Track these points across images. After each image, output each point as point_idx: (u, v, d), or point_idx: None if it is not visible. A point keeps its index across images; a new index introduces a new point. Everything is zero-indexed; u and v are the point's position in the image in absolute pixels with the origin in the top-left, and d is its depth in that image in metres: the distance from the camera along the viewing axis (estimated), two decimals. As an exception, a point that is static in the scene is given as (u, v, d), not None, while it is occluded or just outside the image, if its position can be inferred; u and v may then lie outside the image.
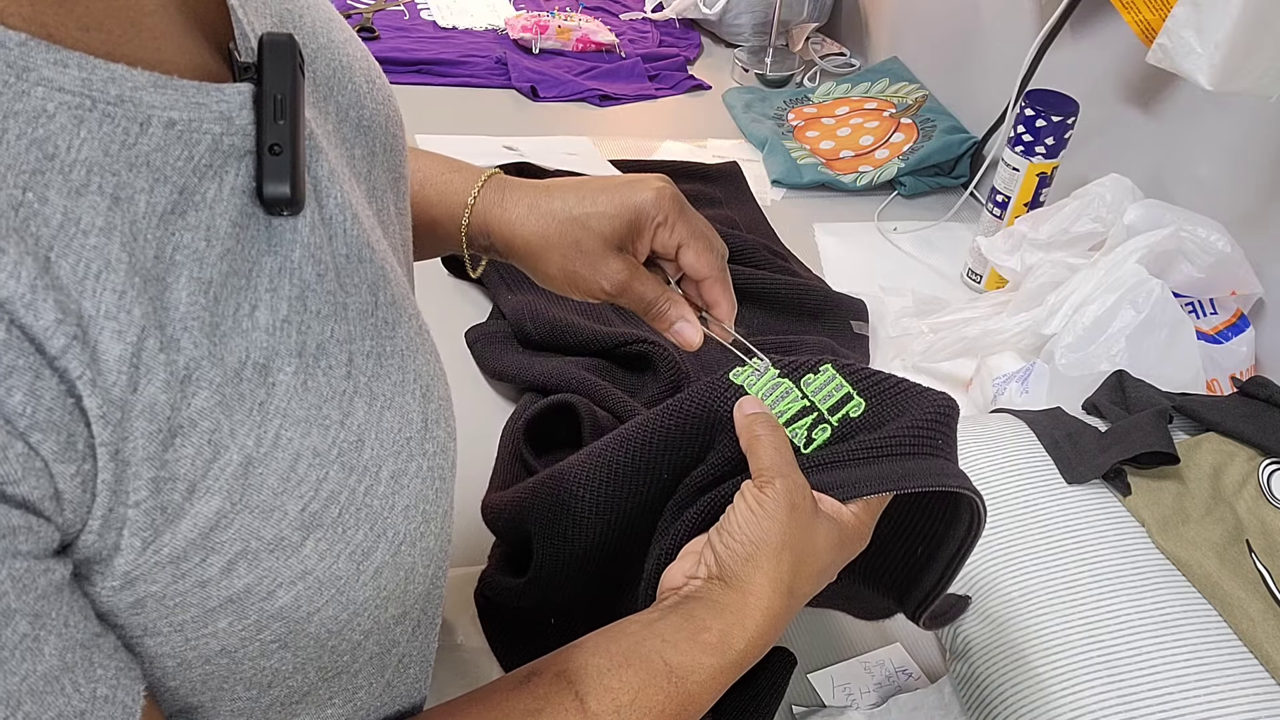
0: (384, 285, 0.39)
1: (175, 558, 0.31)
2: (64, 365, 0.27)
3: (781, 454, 0.51)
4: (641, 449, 0.59)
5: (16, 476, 0.26)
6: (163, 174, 0.30)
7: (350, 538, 0.35)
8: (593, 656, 0.46)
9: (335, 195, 0.37)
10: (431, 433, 0.39)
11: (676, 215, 0.56)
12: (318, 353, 0.34)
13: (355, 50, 0.44)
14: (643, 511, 0.59)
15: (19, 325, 0.26)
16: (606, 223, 0.55)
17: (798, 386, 0.56)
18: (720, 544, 0.49)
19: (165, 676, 0.34)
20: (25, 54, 0.27)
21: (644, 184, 0.56)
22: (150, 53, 0.31)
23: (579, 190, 0.56)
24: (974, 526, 0.54)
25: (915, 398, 0.55)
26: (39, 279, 0.26)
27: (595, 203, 0.55)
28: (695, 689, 0.45)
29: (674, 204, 0.56)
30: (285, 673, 0.37)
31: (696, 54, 1.67)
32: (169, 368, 0.29)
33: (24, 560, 0.27)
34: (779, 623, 0.48)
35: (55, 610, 0.28)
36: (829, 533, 0.50)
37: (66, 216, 0.27)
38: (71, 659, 0.28)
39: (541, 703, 0.44)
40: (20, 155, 0.27)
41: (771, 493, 0.48)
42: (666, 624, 0.47)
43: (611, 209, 0.55)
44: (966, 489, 0.51)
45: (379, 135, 0.44)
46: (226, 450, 0.31)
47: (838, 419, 0.54)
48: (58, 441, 0.27)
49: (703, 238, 0.57)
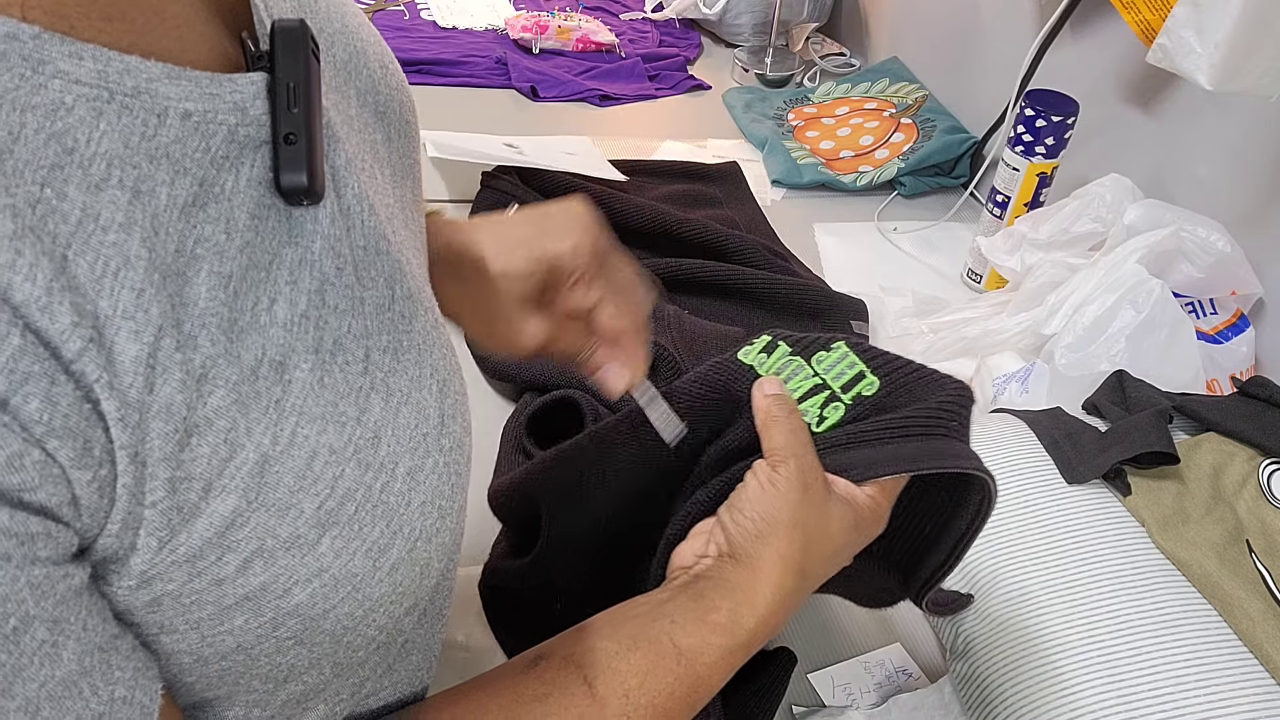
0: (400, 278, 0.38)
1: (191, 556, 0.30)
2: (80, 369, 0.27)
3: (797, 436, 0.50)
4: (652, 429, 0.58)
5: (34, 484, 0.26)
6: (182, 166, 0.30)
7: (366, 535, 0.35)
8: (601, 639, 0.45)
9: (353, 185, 0.36)
10: (448, 428, 0.39)
11: (595, 271, 0.52)
12: (334, 349, 0.34)
13: (369, 35, 0.44)
14: (651, 491, 0.59)
15: (34, 330, 0.26)
16: (519, 284, 0.52)
17: (809, 364, 0.55)
18: (731, 522, 0.48)
19: (182, 673, 0.33)
20: (40, 47, 0.26)
21: (565, 231, 0.52)
22: (173, 42, 0.31)
23: (498, 241, 0.53)
24: (984, 507, 0.54)
25: (930, 383, 0.54)
26: (55, 280, 0.26)
27: (511, 259, 0.52)
28: (705, 670, 0.45)
29: (593, 258, 0.52)
30: (301, 668, 0.37)
31: (696, 54, 1.67)
32: (185, 367, 0.29)
33: (42, 567, 0.26)
34: (790, 602, 0.47)
35: (74, 615, 0.28)
36: (842, 515, 0.49)
37: (85, 212, 0.27)
38: (90, 663, 0.28)
39: (549, 687, 0.43)
40: (39, 150, 0.26)
41: (785, 471, 0.48)
42: (675, 604, 0.46)
43: (526, 267, 0.51)
44: (980, 470, 0.51)
45: (394, 120, 0.44)
46: (243, 449, 0.31)
47: (850, 397, 0.53)
48: (74, 447, 0.27)
49: (622, 293, 0.53)
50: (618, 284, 0.54)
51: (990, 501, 0.53)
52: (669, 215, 1.09)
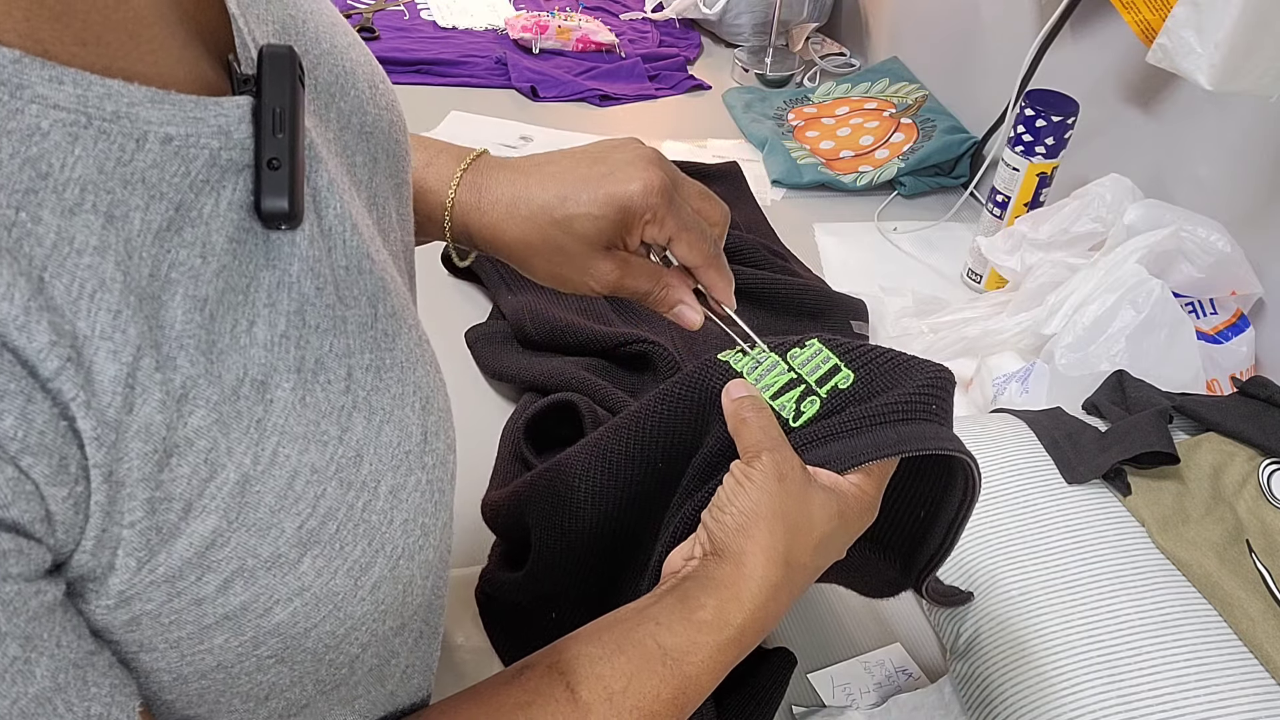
0: (383, 297, 0.38)
1: (171, 577, 0.30)
2: (57, 387, 0.27)
3: (768, 432, 0.50)
4: (636, 435, 0.58)
5: (7, 500, 0.26)
6: (158, 190, 0.30)
7: (348, 554, 0.35)
8: (586, 645, 0.45)
9: (335, 206, 0.36)
10: (431, 445, 0.39)
11: (665, 209, 0.52)
12: (316, 368, 0.34)
13: (358, 55, 0.44)
14: (640, 499, 0.59)
15: (11, 348, 0.26)
16: (590, 224, 0.52)
17: (784, 360, 0.55)
18: (712, 520, 0.49)
19: (161, 690, 0.33)
20: (19, 71, 0.26)
21: (631, 171, 0.52)
22: (149, 66, 0.31)
23: (560, 182, 0.53)
24: (969, 491, 0.54)
25: (908, 368, 0.54)
26: (32, 300, 0.26)
27: (578, 201, 0.52)
28: (693, 670, 0.45)
29: (662, 196, 0.52)
30: (282, 686, 0.37)
31: (696, 54, 1.67)
32: (165, 387, 0.29)
33: (14, 583, 0.26)
34: (779, 595, 0.47)
35: (47, 631, 0.28)
36: (825, 503, 0.49)
37: (60, 236, 0.27)
38: (64, 679, 0.28)
39: (532, 695, 0.43)
40: (14, 174, 0.26)
41: (759, 465, 0.48)
42: (661, 607, 0.46)
43: (595, 208, 0.52)
44: (961, 452, 0.51)
45: (381, 141, 0.44)
46: (223, 469, 0.31)
47: (826, 390, 0.54)
48: (49, 465, 0.27)
49: (693, 228, 0.54)
50: (688, 218, 0.53)
51: (975, 485, 0.53)
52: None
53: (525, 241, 0.54)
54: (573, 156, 0.55)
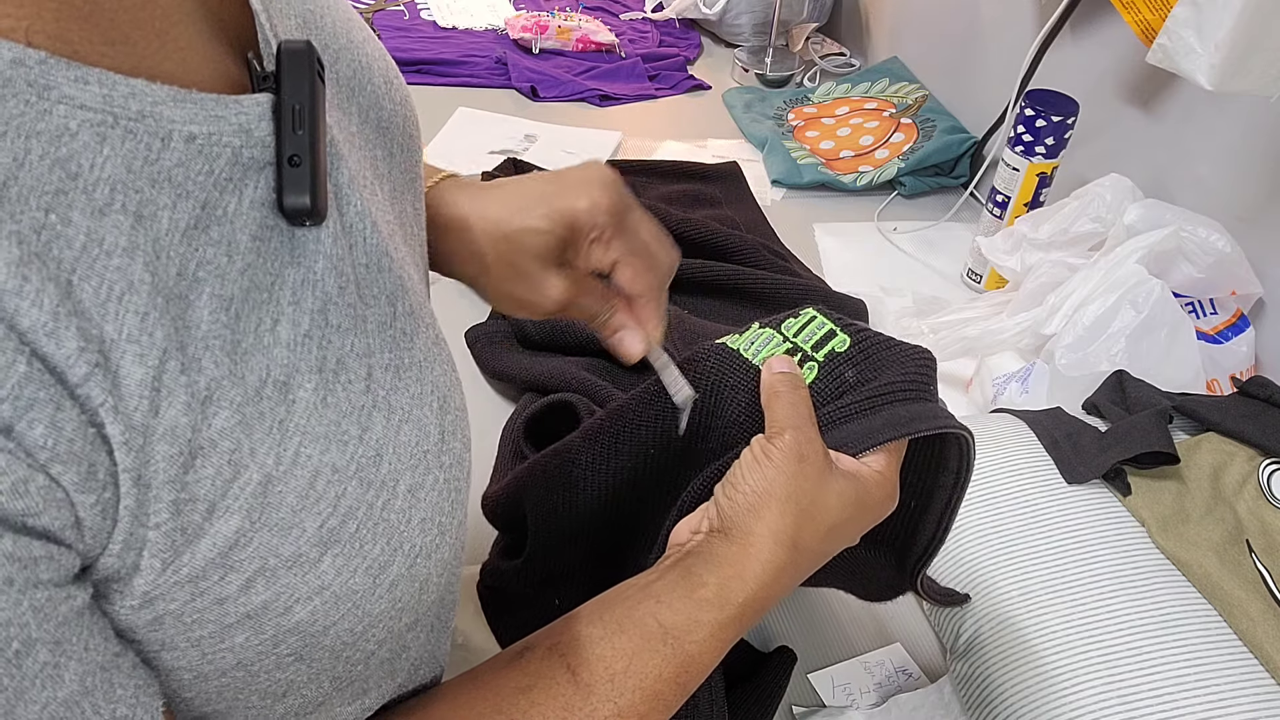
0: (402, 295, 0.38)
1: (194, 577, 0.30)
2: (85, 394, 0.27)
3: (798, 409, 0.49)
4: (633, 418, 0.58)
5: (38, 509, 0.26)
6: (185, 189, 0.30)
7: (367, 552, 0.35)
8: (586, 625, 0.45)
9: (355, 203, 0.36)
10: (448, 444, 0.39)
11: (613, 231, 0.51)
12: (337, 367, 0.34)
13: (374, 50, 0.44)
14: (638, 481, 0.59)
15: (40, 355, 0.25)
16: (538, 238, 0.51)
17: (779, 331, 0.55)
18: (724, 496, 0.48)
19: (181, 688, 0.33)
20: (45, 72, 0.26)
21: (581, 189, 0.51)
22: (176, 64, 0.31)
23: (514, 198, 0.52)
24: (962, 473, 0.54)
25: (896, 352, 0.55)
26: (61, 305, 0.26)
27: (528, 214, 0.51)
28: (694, 649, 0.45)
29: (610, 216, 0.51)
30: (300, 683, 0.37)
31: (696, 54, 1.67)
32: (190, 389, 0.29)
33: (45, 589, 0.26)
34: (783, 577, 0.47)
35: (76, 635, 0.28)
36: (843, 490, 0.48)
37: (90, 237, 0.27)
38: (91, 682, 0.28)
39: (533, 678, 0.43)
40: (43, 176, 0.26)
41: (780, 443, 0.48)
42: (663, 584, 0.46)
43: (544, 222, 0.51)
44: (962, 429, 0.51)
45: (397, 136, 0.44)
46: (246, 469, 0.31)
47: (823, 355, 0.54)
48: (79, 472, 0.27)
49: (641, 254, 0.52)
50: (636, 245, 0.53)
51: (968, 465, 0.53)
52: (669, 215, 1.09)
53: (478, 258, 0.53)
54: (533, 178, 0.54)
